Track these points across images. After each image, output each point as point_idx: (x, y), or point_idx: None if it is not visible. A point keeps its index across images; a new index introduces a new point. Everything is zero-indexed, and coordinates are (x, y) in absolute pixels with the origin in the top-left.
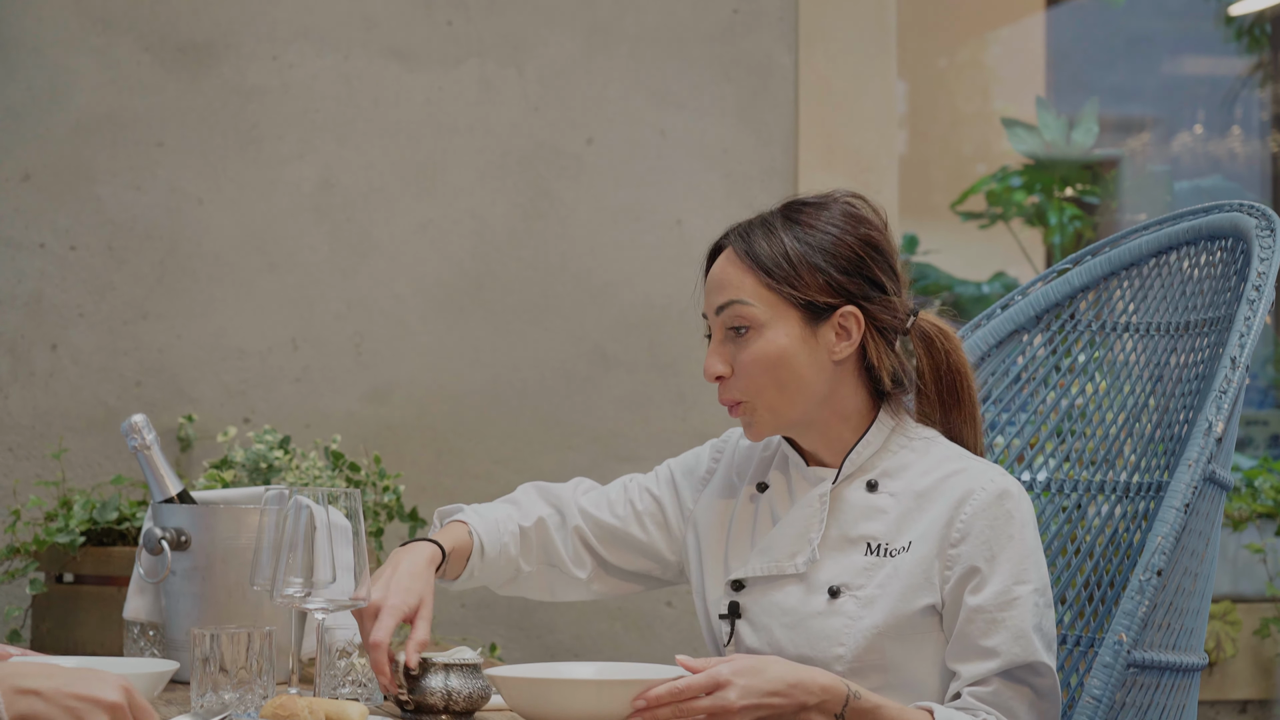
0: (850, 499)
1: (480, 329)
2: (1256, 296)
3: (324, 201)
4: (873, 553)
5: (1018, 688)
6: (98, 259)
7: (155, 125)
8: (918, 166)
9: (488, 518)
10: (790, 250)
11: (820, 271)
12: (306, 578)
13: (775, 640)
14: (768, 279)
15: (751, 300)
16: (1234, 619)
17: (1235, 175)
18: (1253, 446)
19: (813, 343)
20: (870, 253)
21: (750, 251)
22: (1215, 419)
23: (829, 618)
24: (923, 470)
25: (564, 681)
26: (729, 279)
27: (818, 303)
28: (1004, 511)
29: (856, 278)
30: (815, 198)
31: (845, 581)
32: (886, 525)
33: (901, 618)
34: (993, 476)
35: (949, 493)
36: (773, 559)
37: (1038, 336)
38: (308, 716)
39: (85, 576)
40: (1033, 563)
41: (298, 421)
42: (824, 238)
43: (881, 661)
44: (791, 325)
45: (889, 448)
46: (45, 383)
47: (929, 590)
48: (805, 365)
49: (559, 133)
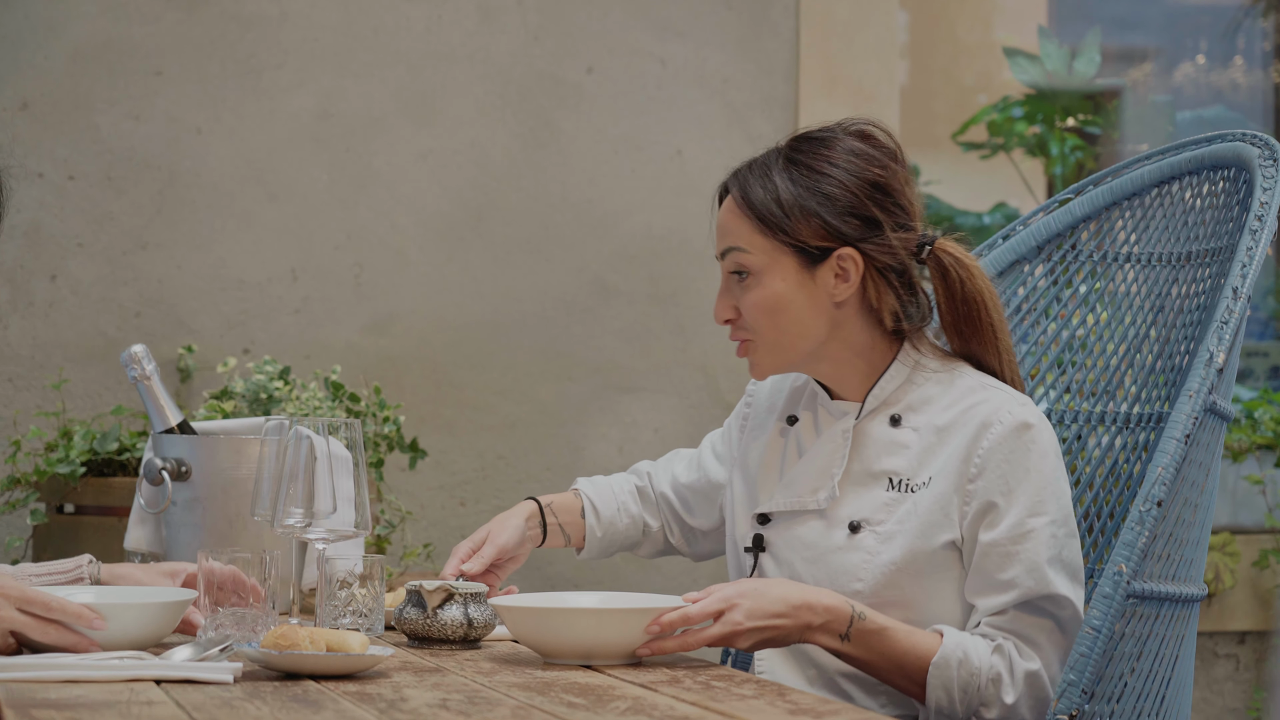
0: (874, 434)
1: (480, 260)
2: (1259, 226)
3: (323, 131)
4: (894, 488)
5: (1037, 619)
6: (96, 189)
7: (153, 54)
8: (919, 97)
9: (599, 482)
10: (784, 195)
11: (814, 215)
12: (307, 508)
13: (797, 574)
14: (761, 225)
15: (747, 247)
16: (1233, 550)
17: (1237, 106)
18: (1253, 378)
19: (811, 286)
20: (871, 192)
21: (745, 198)
22: (1216, 349)
23: (848, 553)
24: (946, 404)
25: (565, 611)
26: (728, 225)
27: (810, 247)
28: (1022, 444)
29: (852, 219)
30: (821, 132)
31: (866, 517)
32: (908, 460)
33: (920, 554)
34: (1011, 408)
35: (967, 426)
36: (795, 494)
37: (1039, 267)
38: (309, 646)
39: (86, 507)
40: (1050, 494)
41: (297, 352)
42: (821, 180)
43: (901, 597)
44: (788, 270)
45: (913, 381)
46: (45, 313)
47: (948, 526)
48: (804, 309)
49: (559, 62)
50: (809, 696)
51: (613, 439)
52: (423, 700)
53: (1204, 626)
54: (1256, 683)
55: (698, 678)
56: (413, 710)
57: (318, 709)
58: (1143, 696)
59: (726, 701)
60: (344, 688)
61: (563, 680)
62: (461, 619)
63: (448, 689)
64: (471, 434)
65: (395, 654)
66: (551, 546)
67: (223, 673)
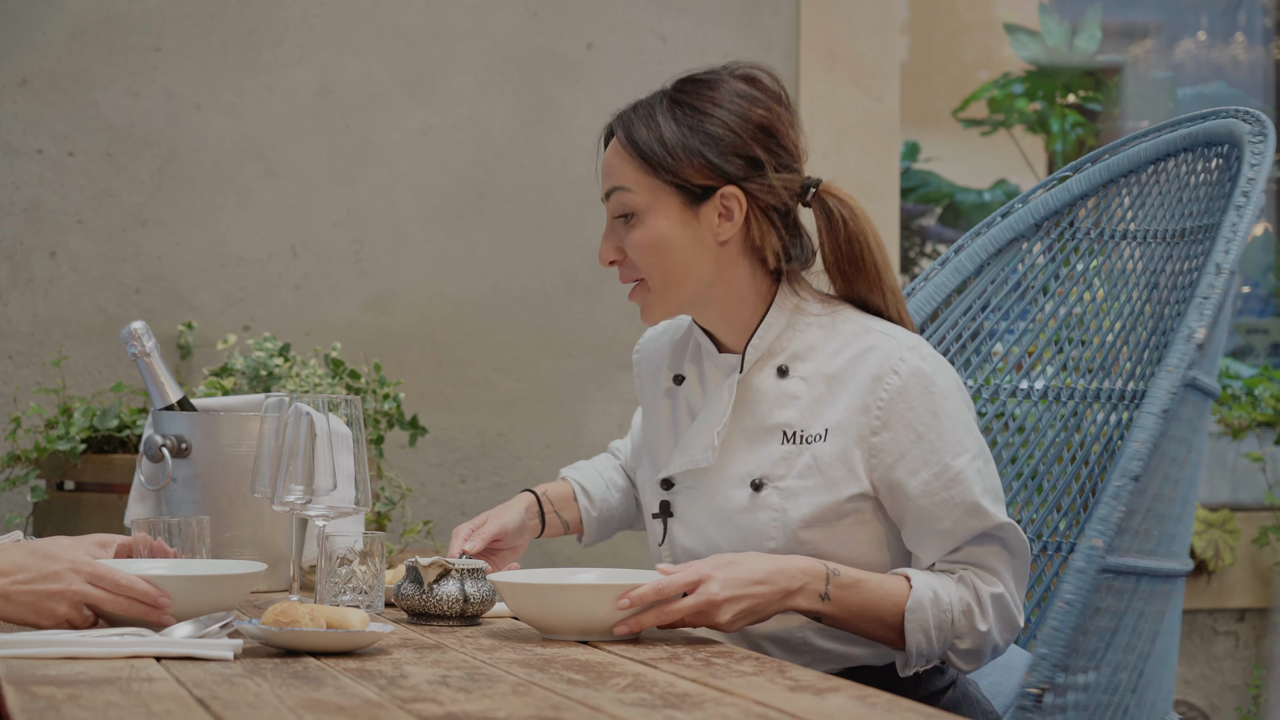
0: (762, 387)
1: (480, 236)
2: (1244, 202)
3: (323, 108)
4: (789, 440)
5: (988, 546)
6: (96, 165)
7: (153, 30)
8: (920, 73)
9: (582, 466)
10: (667, 135)
11: (696, 154)
12: (307, 485)
13: (708, 538)
14: (644, 164)
15: (631, 186)
16: (1233, 528)
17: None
18: (1253, 355)
19: (695, 225)
20: (755, 133)
21: (630, 138)
22: (1196, 325)
23: (755, 512)
24: (833, 350)
25: (562, 586)
26: (612, 166)
27: (693, 185)
28: (922, 389)
29: (735, 159)
30: (706, 74)
31: (765, 473)
32: (800, 411)
33: (828, 509)
34: (903, 355)
35: (859, 375)
36: (689, 454)
37: (1037, 244)
38: (309, 623)
39: (86, 484)
40: (964, 430)
41: (297, 329)
42: (705, 120)
43: (815, 550)
44: (671, 209)
45: (795, 326)
46: (44, 290)
47: (854, 480)
48: (688, 247)
49: (559, 38)
50: (809, 673)
51: (613, 415)
52: (423, 677)
53: (1203, 604)
54: (1256, 660)
55: (698, 654)
56: (413, 687)
57: (318, 685)
58: (1120, 670)
59: (726, 678)
60: (344, 664)
61: (562, 657)
62: (458, 594)
63: (448, 666)
64: (472, 411)
65: (395, 631)
66: (551, 536)
67: (223, 649)
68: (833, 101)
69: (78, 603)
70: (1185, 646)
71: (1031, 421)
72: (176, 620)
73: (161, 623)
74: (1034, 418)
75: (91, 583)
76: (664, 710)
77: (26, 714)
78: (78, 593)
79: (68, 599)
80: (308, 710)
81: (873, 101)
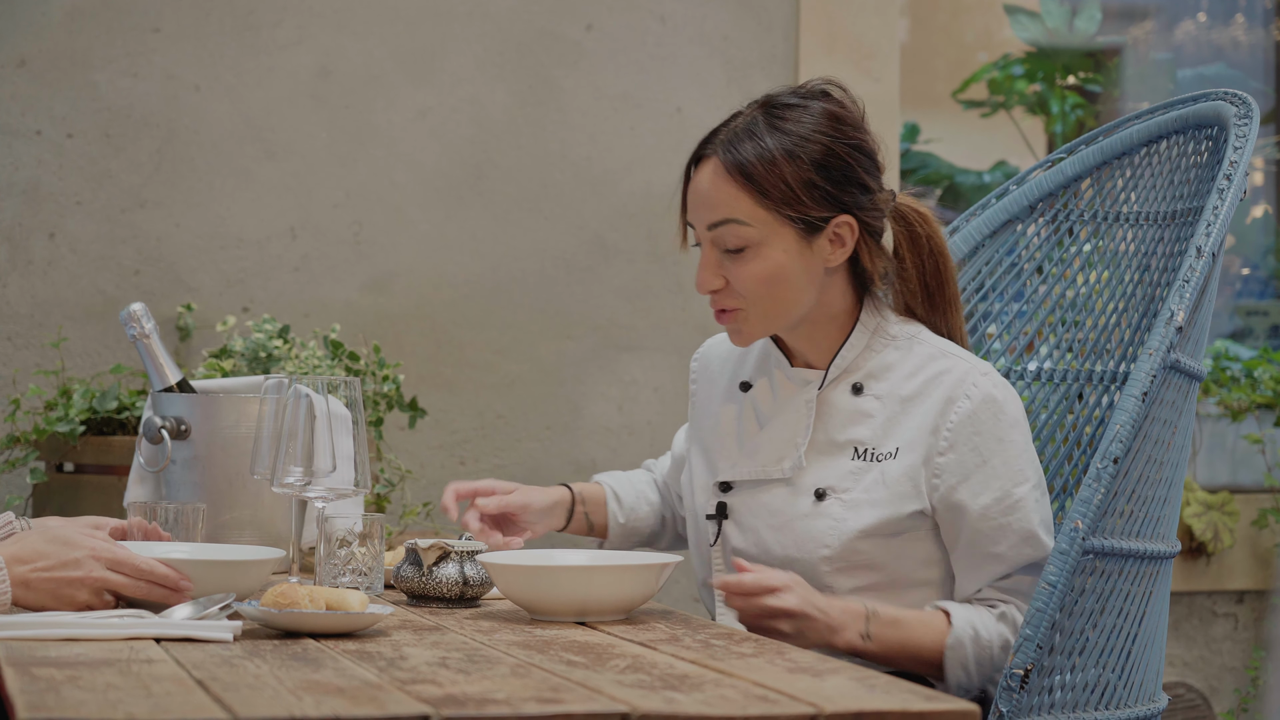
0: (837, 403)
1: (479, 218)
2: (1227, 185)
3: (322, 89)
4: (859, 457)
5: (1035, 577)
6: (95, 146)
7: (151, 10)
8: (919, 54)
9: (618, 475)
10: (783, 167)
11: (815, 188)
12: (306, 466)
13: (762, 541)
14: (764, 199)
15: (748, 220)
16: (1232, 510)
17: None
18: (1253, 337)
19: (808, 254)
20: (858, 157)
21: (741, 168)
22: (1177, 308)
23: (815, 520)
24: (908, 372)
25: (553, 568)
26: (721, 196)
27: (814, 218)
28: (991, 415)
29: (848, 186)
30: (794, 97)
31: (831, 484)
32: (873, 430)
33: (887, 522)
34: (976, 380)
35: (932, 397)
36: (759, 463)
37: (1031, 226)
38: (308, 605)
39: (85, 465)
40: (1026, 460)
41: (297, 311)
42: (813, 148)
43: (868, 561)
44: (788, 241)
45: (872, 347)
46: (43, 271)
47: (916, 498)
48: (801, 277)
49: (558, 19)
50: (808, 655)
51: (612, 397)
52: (422, 659)
53: (1203, 586)
54: (1255, 642)
55: (696, 636)
56: (412, 669)
57: (317, 667)
58: (1106, 651)
59: (726, 660)
60: (343, 646)
61: (562, 639)
62: (457, 576)
63: (447, 647)
64: (471, 393)
65: (395, 612)
66: (573, 533)
67: (222, 631)
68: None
69: (98, 589)
70: (1184, 628)
71: (1025, 403)
72: None
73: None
74: (1028, 399)
75: (112, 568)
76: (663, 691)
77: (26, 695)
78: (98, 579)
79: (88, 585)
80: (307, 691)
81: (872, 83)
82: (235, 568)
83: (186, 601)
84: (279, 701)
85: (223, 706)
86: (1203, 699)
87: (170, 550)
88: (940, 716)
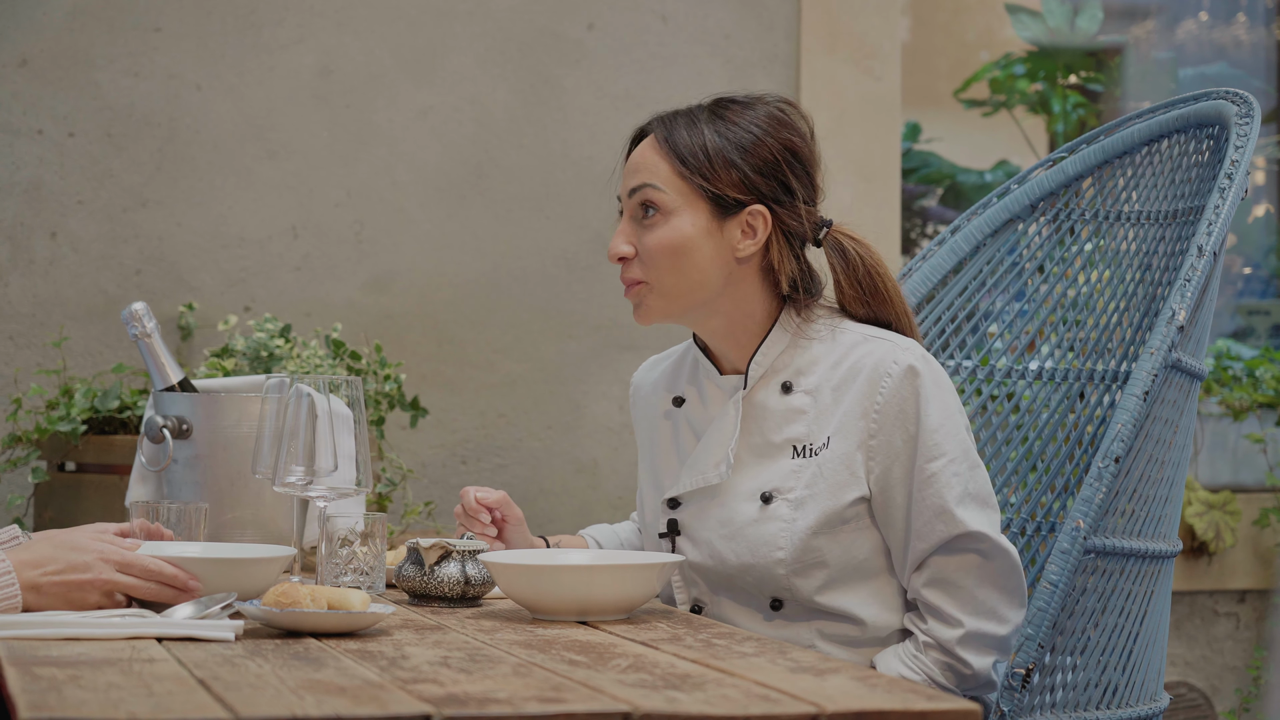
0: (768, 404)
1: (481, 217)
2: (1228, 184)
3: (323, 88)
4: (799, 454)
5: (958, 557)
6: (96, 146)
7: (153, 10)
8: (921, 53)
9: (600, 527)
10: (709, 143)
11: (735, 168)
12: (308, 466)
13: (717, 552)
14: (682, 167)
15: (664, 186)
16: (1234, 509)
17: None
18: (1254, 336)
19: (718, 236)
20: (788, 157)
21: (670, 139)
22: (1178, 307)
23: (764, 524)
24: (834, 361)
25: (554, 567)
26: (646, 163)
27: (728, 197)
28: (910, 390)
29: (770, 179)
30: (745, 97)
31: (775, 486)
32: (807, 425)
33: (833, 514)
34: (895, 356)
35: (858, 380)
36: (699, 472)
37: (1032, 225)
38: (310, 604)
39: (87, 465)
40: (945, 434)
41: (298, 310)
42: (745, 135)
43: (821, 558)
44: (699, 215)
45: (796, 345)
46: (45, 271)
47: (855, 484)
48: (707, 256)
49: (560, 18)
50: (810, 654)
51: (613, 396)
52: (424, 658)
53: (1204, 585)
54: (1257, 641)
55: (698, 635)
56: (414, 668)
57: (319, 666)
58: (1108, 650)
59: (728, 659)
60: (345, 645)
61: (564, 638)
62: (459, 576)
63: (449, 647)
64: (472, 392)
65: (396, 612)
66: None
67: (224, 630)
68: (834, 82)
69: (108, 590)
70: (1186, 628)
71: (1026, 402)
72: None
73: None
74: (1029, 398)
75: (121, 570)
76: (665, 691)
77: (28, 695)
78: (108, 581)
79: (98, 588)
80: (309, 691)
81: (874, 82)
82: (247, 566)
83: (191, 600)
84: (280, 701)
85: (224, 706)
86: (1204, 698)
87: (183, 550)
88: (942, 716)
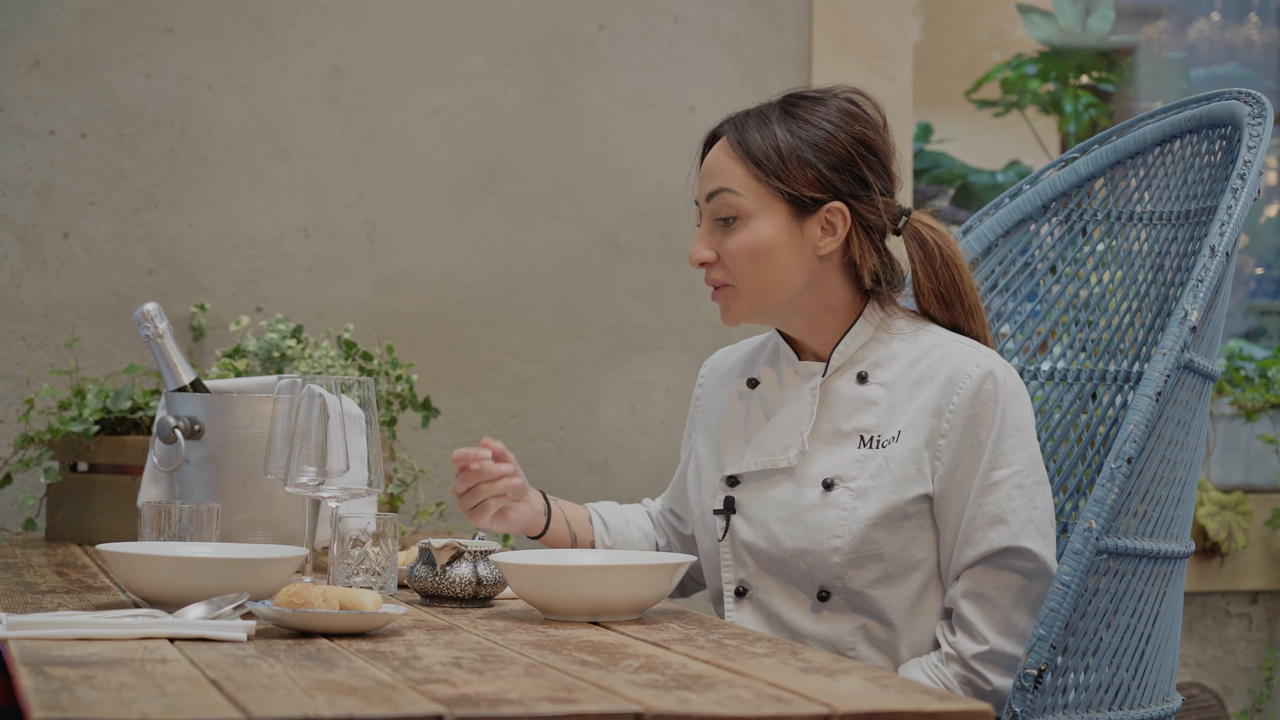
0: (842, 392)
1: (492, 218)
2: (1240, 185)
3: (335, 89)
4: (866, 445)
5: (1000, 574)
6: (108, 146)
7: (165, 10)
8: (932, 54)
9: (607, 504)
10: (781, 143)
11: (810, 166)
12: (320, 466)
13: (772, 534)
14: (757, 170)
15: (740, 190)
16: (1246, 509)
17: (1252, 63)
18: (1266, 337)
19: (798, 235)
20: (862, 151)
21: (742, 142)
22: (1191, 308)
23: (824, 510)
24: (913, 358)
25: (567, 568)
26: (720, 167)
27: (804, 197)
28: (986, 395)
29: (846, 175)
30: (815, 92)
31: (839, 474)
32: (878, 416)
33: (894, 508)
34: (977, 360)
35: (936, 379)
36: (766, 453)
37: (1045, 226)
38: (322, 605)
39: (99, 465)
40: (1013, 445)
41: (310, 310)
42: (817, 133)
43: (878, 550)
44: (778, 217)
45: (878, 340)
46: (57, 271)
47: (921, 481)
48: (788, 257)
49: (571, 18)
50: (821, 655)
51: (625, 397)
52: (436, 659)
53: (1217, 586)
54: (1269, 642)
55: (710, 636)
56: (426, 668)
57: (331, 667)
58: (1120, 652)
59: (739, 660)
60: (357, 646)
61: (575, 639)
62: (470, 576)
63: (460, 647)
64: (484, 392)
65: (408, 612)
66: (556, 545)
67: (236, 631)
68: (845, 82)
69: None
70: (1198, 629)
71: (1039, 402)
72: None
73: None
74: (1041, 398)
75: None
76: (677, 691)
77: (40, 695)
78: None
79: None
80: (321, 691)
81: (885, 82)
82: (259, 566)
83: (203, 600)
84: (293, 701)
85: (236, 706)
86: (1217, 699)
87: (194, 550)
88: (953, 717)
